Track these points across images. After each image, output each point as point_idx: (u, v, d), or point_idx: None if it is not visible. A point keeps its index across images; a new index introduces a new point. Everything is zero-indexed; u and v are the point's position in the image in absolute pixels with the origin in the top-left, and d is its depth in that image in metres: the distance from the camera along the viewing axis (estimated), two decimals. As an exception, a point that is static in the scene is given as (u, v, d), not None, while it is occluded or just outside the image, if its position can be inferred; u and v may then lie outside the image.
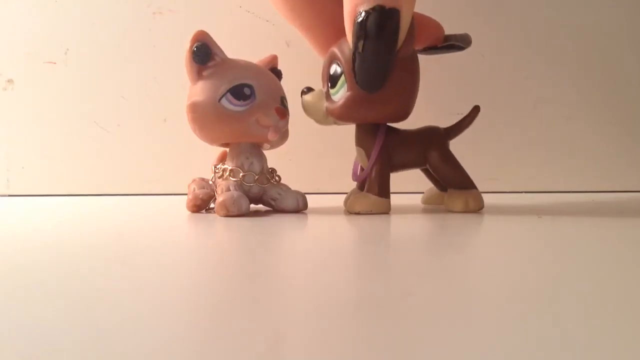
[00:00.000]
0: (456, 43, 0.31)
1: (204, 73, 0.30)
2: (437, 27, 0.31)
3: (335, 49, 0.29)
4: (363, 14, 0.25)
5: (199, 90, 0.30)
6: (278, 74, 0.34)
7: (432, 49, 0.32)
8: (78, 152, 0.50)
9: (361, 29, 0.25)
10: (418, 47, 0.31)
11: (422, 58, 0.30)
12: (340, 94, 0.29)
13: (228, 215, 0.29)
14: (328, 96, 0.30)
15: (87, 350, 0.09)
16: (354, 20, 0.26)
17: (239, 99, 0.29)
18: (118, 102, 0.49)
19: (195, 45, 0.29)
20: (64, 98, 0.49)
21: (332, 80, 0.29)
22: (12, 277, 0.15)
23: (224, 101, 0.29)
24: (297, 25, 0.32)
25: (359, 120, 0.30)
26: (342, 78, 0.29)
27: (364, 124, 0.31)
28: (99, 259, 0.17)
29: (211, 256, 0.18)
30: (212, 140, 0.31)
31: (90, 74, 0.49)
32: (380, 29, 0.25)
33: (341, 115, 0.29)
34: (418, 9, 0.29)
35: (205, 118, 0.30)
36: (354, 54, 0.27)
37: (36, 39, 0.49)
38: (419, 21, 0.30)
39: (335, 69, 0.29)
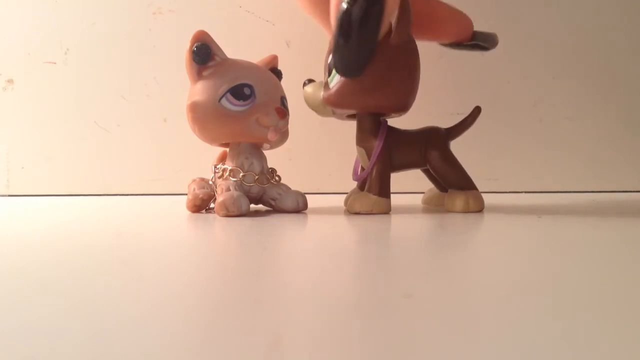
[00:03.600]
0: (481, 43, 0.31)
1: (204, 73, 0.30)
2: (468, 23, 0.31)
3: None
4: (349, 1, 0.25)
5: (199, 90, 0.30)
6: (278, 74, 0.34)
7: (458, 45, 0.32)
8: (78, 152, 0.50)
9: (345, 15, 0.25)
10: (445, 40, 0.31)
11: (422, 58, 0.30)
12: (335, 80, 0.29)
13: (228, 215, 0.29)
14: (326, 85, 0.30)
15: (87, 349, 0.09)
16: (339, 7, 0.25)
17: (238, 99, 0.29)
18: (118, 102, 0.49)
19: (195, 45, 0.29)
20: (64, 98, 0.49)
21: (330, 69, 0.30)
22: (12, 277, 0.15)
23: (223, 101, 0.29)
24: (315, 16, 0.32)
25: (354, 108, 0.30)
26: None
27: (364, 123, 0.31)
28: (98, 259, 0.17)
29: (211, 256, 0.18)
30: (212, 140, 0.31)
31: (90, 74, 0.49)
32: (364, 17, 0.25)
33: (336, 102, 0.29)
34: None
35: (205, 118, 0.30)
36: (335, 39, 0.27)
37: (36, 39, 0.49)
38: (450, 14, 0.29)
39: (331, 57, 0.29)
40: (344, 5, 0.25)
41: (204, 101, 0.29)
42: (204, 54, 0.29)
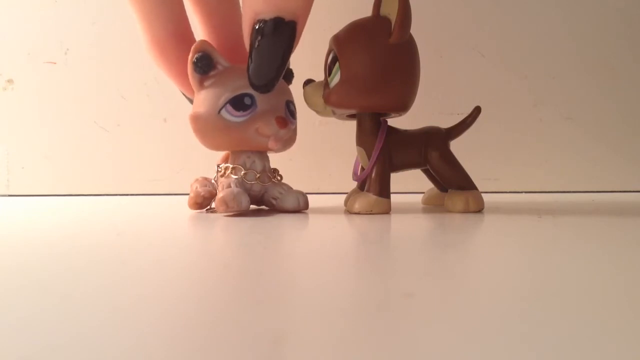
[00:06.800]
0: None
1: (206, 83, 0.30)
2: None
3: (332, 37, 0.30)
4: (262, 22, 0.25)
5: (200, 102, 0.30)
6: (288, 74, 0.33)
7: None
8: (78, 152, 0.50)
9: (258, 34, 0.25)
10: None
11: (422, 58, 0.30)
12: (335, 80, 0.29)
13: (228, 210, 0.28)
14: (326, 84, 0.30)
15: (88, 350, 0.09)
16: (253, 27, 0.25)
17: (238, 110, 0.29)
18: (118, 102, 0.49)
19: (196, 55, 0.29)
20: (64, 98, 0.50)
21: (330, 68, 0.30)
22: (12, 277, 0.15)
23: (223, 112, 0.29)
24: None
25: (354, 108, 0.30)
26: (337, 65, 0.29)
27: (364, 123, 0.31)
28: (99, 259, 0.17)
29: (211, 256, 0.18)
30: (214, 148, 0.31)
31: (90, 74, 0.49)
32: (278, 39, 0.25)
33: (336, 102, 0.29)
34: (418, 8, 0.29)
35: (206, 129, 0.30)
36: (249, 55, 0.26)
37: (36, 39, 0.49)
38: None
39: (331, 56, 0.30)
40: (257, 26, 0.25)
41: (205, 113, 0.29)
42: (205, 64, 0.29)
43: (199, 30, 0.33)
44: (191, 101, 0.33)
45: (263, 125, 0.29)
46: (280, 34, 0.25)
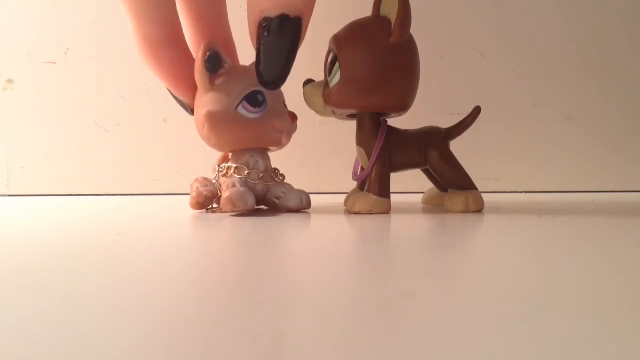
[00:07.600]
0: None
1: (217, 82, 0.30)
2: None
3: (332, 37, 0.30)
4: (268, 20, 0.25)
5: (212, 100, 0.30)
6: None
7: None
8: (78, 152, 0.50)
9: (265, 32, 0.25)
10: None
11: (422, 58, 0.30)
12: (335, 80, 0.29)
13: (234, 210, 0.28)
14: (326, 84, 0.30)
15: (88, 350, 0.09)
16: (259, 25, 0.25)
17: (254, 106, 0.30)
18: (118, 102, 0.49)
19: (207, 54, 0.29)
20: (64, 98, 0.49)
21: (330, 68, 0.30)
22: (12, 277, 0.15)
23: (240, 109, 0.29)
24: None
25: (354, 108, 0.30)
26: (337, 65, 0.29)
27: (364, 123, 0.31)
28: (99, 259, 0.17)
29: (211, 256, 0.18)
30: (229, 147, 0.31)
31: (90, 74, 0.49)
32: (284, 35, 0.25)
33: (336, 102, 0.29)
34: (418, 8, 0.29)
35: (224, 127, 0.30)
36: (257, 53, 0.26)
37: (36, 39, 0.49)
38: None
39: (332, 56, 0.30)
40: (263, 24, 0.25)
41: (221, 110, 0.29)
42: (216, 63, 0.29)
43: (187, 33, 0.32)
44: (180, 102, 0.33)
45: (278, 120, 0.30)
46: (286, 31, 0.25)
